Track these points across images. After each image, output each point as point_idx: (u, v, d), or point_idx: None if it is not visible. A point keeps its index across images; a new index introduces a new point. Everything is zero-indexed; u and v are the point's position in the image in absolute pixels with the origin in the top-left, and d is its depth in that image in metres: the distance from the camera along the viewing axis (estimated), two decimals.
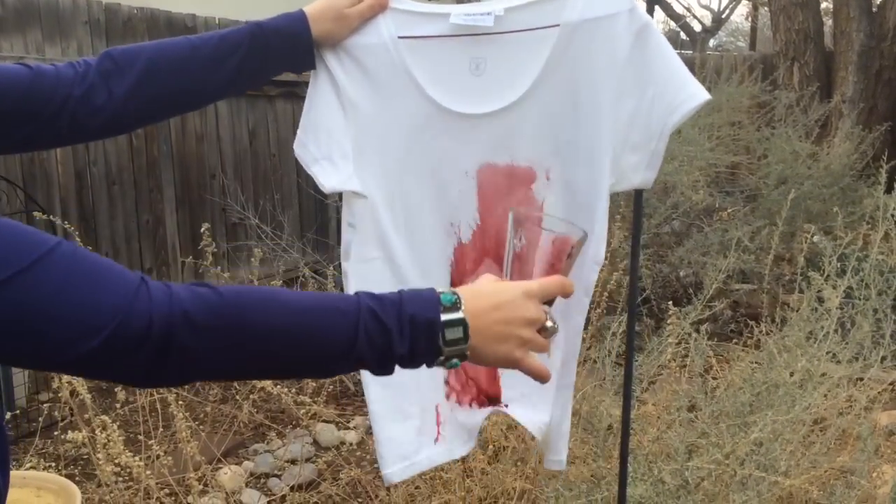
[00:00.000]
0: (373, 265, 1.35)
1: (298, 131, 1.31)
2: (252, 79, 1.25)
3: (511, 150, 1.28)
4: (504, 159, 1.29)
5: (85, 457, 3.00)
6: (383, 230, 1.32)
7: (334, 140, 1.29)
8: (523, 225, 1.04)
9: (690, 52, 10.86)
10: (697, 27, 13.47)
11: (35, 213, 3.04)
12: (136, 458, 2.25)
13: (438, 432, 1.41)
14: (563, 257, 1.03)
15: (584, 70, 1.24)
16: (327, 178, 1.30)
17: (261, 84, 1.28)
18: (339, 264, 4.36)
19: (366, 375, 1.40)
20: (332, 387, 3.38)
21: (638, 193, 1.40)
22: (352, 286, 1.38)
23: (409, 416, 1.39)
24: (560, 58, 1.24)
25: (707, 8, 14.41)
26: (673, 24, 13.11)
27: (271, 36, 1.22)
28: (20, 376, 3.43)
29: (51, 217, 2.97)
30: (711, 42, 13.69)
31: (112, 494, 2.41)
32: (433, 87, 1.27)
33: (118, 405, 2.53)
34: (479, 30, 1.25)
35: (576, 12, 1.23)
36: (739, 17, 15.09)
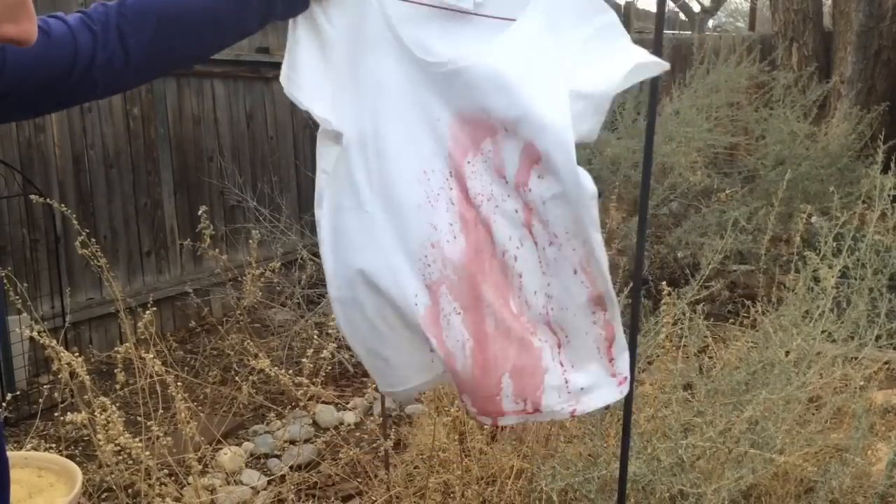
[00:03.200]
0: (344, 215, 1.36)
1: (289, 70, 1.33)
2: (248, 34, 1.27)
3: (477, 101, 1.28)
4: (470, 110, 1.29)
5: (86, 438, 3.02)
6: (356, 178, 1.34)
7: (327, 80, 1.34)
8: None
9: (689, 32, 10.82)
10: (696, 8, 13.41)
11: (32, 196, 3.04)
12: (136, 440, 2.26)
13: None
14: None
15: (548, 39, 1.26)
16: (336, 118, 1.34)
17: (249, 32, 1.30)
18: None
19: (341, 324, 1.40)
20: (330, 368, 3.40)
21: (645, 174, 1.39)
22: (324, 234, 1.39)
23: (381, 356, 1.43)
24: (528, 33, 1.27)
25: None
26: (672, 5, 13.05)
27: None
28: (20, 359, 3.45)
29: (48, 200, 2.97)
30: (710, 23, 13.63)
31: (113, 475, 2.43)
32: (410, 38, 1.30)
33: (118, 387, 2.55)
34: (459, 7, 1.29)
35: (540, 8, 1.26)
36: None
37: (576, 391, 1.36)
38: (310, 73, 1.33)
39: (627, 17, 8.13)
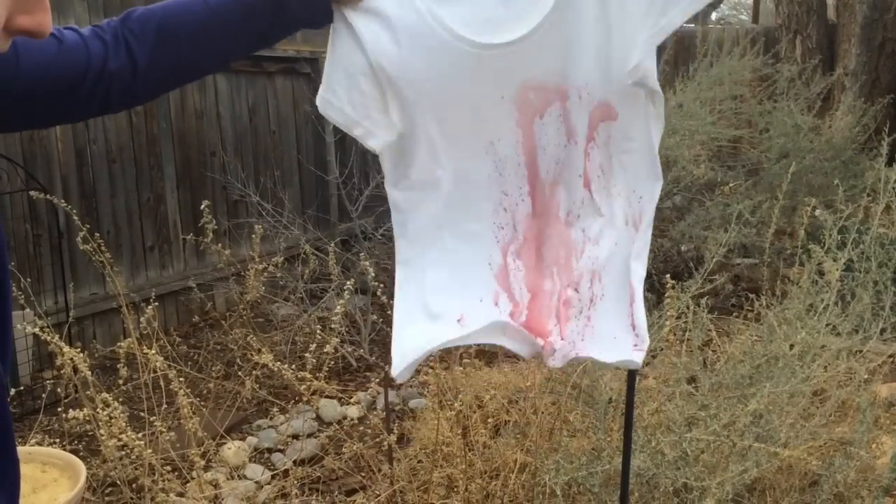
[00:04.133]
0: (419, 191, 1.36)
1: (325, 93, 1.29)
2: (266, 42, 1.24)
3: (544, 69, 1.29)
4: (537, 79, 1.29)
5: (90, 433, 3.03)
6: (422, 164, 1.34)
7: (368, 97, 1.29)
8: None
9: (692, 24, 10.78)
10: None
11: (35, 192, 3.04)
12: (140, 435, 2.26)
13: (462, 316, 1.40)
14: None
15: None
16: (374, 140, 1.31)
17: (271, 45, 1.28)
18: (340, 241, 4.35)
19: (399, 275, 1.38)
20: (333, 363, 3.40)
21: None
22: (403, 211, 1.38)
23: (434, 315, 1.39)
24: None
25: None
26: None
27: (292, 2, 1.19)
28: (24, 354, 3.45)
29: (51, 195, 2.97)
30: (713, 15, 13.59)
31: (116, 470, 2.44)
32: (461, 25, 1.27)
33: (121, 382, 2.55)
34: None
35: None
36: None
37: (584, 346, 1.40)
38: (348, 94, 1.29)
39: None
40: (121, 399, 2.49)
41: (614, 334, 1.39)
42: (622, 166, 1.34)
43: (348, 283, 2.64)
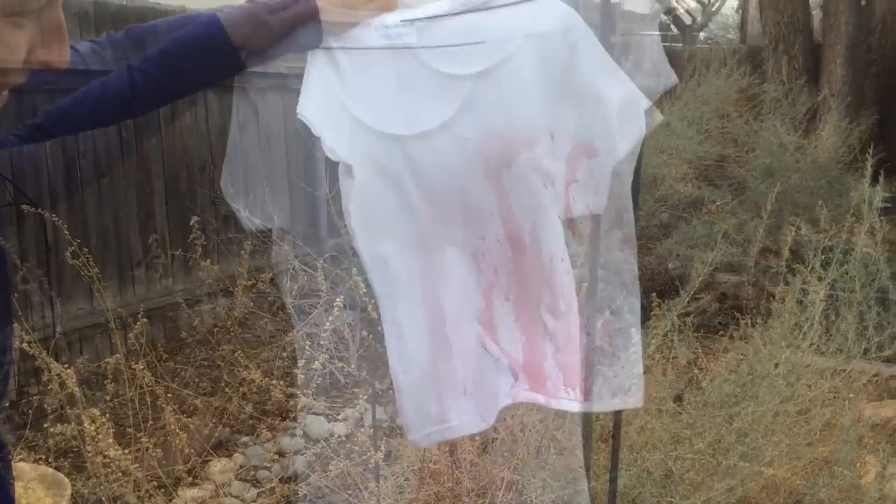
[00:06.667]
0: (384, 245, 1.38)
1: (302, 96, 1.30)
2: (262, 63, 1.26)
3: (507, 114, 1.28)
4: (501, 125, 1.29)
5: (75, 449, 3.01)
6: (389, 202, 1.33)
7: (334, 112, 1.30)
8: None
9: (680, 45, 10.88)
10: (688, 20, 13.46)
11: (25, 206, 3.04)
12: (126, 451, 2.26)
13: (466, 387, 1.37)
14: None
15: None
16: (341, 147, 1.30)
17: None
18: (330, 257, 4.33)
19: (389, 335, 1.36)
20: (321, 379, 3.40)
21: (634, 188, 1.41)
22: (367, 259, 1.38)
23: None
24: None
25: (699, 1, 14.39)
26: (664, 17, 13.07)
27: (282, 27, 1.21)
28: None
29: (40, 209, 2.96)
30: (701, 35, 13.69)
31: (102, 486, 2.42)
32: (430, 56, 1.28)
33: (108, 398, 2.54)
34: (469, 6, 1.28)
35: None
36: (730, 9, 15.11)
37: (619, 387, 1.38)
38: (325, 102, 1.30)
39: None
40: (107, 415, 2.48)
41: (622, 378, 1.38)
42: (604, 202, 1.33)
43: (338, 299, 2.64)
